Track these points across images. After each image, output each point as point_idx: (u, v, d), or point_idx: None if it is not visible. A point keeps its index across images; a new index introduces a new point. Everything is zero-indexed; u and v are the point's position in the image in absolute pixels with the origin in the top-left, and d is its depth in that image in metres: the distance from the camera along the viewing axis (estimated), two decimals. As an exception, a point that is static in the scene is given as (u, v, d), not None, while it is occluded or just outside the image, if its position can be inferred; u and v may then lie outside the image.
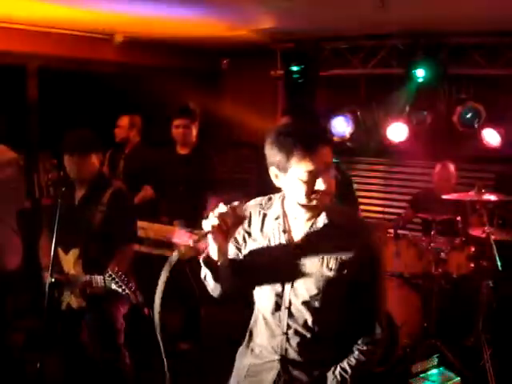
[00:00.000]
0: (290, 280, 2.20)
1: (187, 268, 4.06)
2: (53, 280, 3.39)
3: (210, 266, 2.15)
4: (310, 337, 2.21)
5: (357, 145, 6.50)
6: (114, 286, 3.37)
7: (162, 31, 5.55)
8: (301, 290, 2.19)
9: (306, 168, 2.06)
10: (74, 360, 3.82)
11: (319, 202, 2.11)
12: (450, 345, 4.74)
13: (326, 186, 2.08)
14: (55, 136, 3.83)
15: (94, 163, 3.67)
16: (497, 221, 4.73)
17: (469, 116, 5.64)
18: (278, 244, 2.24)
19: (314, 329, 2.20)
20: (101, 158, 3.78)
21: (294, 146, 2.05)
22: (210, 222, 2.03)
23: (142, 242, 4.53)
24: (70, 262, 3.59)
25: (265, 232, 2.28)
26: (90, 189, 3.67)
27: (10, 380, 4.09)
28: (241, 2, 4.42)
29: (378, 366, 4.59)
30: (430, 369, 4.40)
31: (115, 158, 5.60)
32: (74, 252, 3.59)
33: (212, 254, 2.12)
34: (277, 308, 2.24)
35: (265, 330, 2.31)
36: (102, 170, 3.73)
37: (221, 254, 2.11)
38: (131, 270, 3.60)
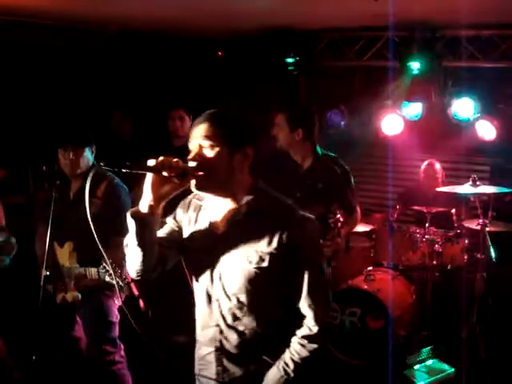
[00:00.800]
0: (217, 272, 2.19)
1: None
2: (47, 273, 3.40)
3: (136, 217, 2.10)
4: (243, 330, 2.19)
5: (351, 137, 6.50)
6: (107, 278, 3.38)
7: (156, 21, 5.52)
8: (227, 283, 2.17)
9: (189, 142, 2.18)
10: (68, 353, 3.82)
11: (191, 182, 2.10)
12: (445, 336, 4.77)
13: (194, 164, 2.10)
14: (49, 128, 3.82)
15: (88, 157, 3.66)
16: (491, 213, 4.73)
17: (463, 108, 5.64)
18: (205, 235, 2.23)
19: (245, 322, 2.18)
20: (94, 151, 3.76)
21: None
22: (154, 160, 2.04)
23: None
24: (65, 254, 3.60)
25: (198, 223, 2.28)
26: (84, 182, 3.66)
27: (5, 374, 4.09)
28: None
29: (373, 357, 4.63)
30: (424, 360, 4.42)
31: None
32: (68, 245, 3.59)
33: (142, 204, 2.09)
34: (208, 300, 2.24)
35: (200, 320, 2.31)
36: (96, 163, 3.71)
37: (150, 203, 2.07)
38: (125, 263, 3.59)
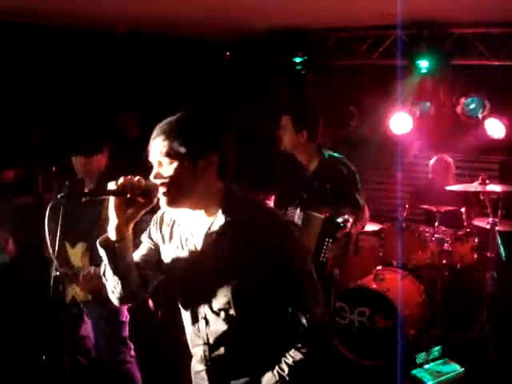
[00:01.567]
0: (200, 290, 2.09)
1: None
2: (57, 273, 3.40)
3: (107, 246, 2.03)
4: (233, 345, 2.11)
5: (360, 136, 6.49)
6: None
7: (164, 22, 5.53)
8: (212, 299, 2.07)
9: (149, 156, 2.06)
10: (77, 353, 3.84)
11: (160, 199, 2.00)
12: (454, 335, 4.75)
13: (158, 182, 1.99)
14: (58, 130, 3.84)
15: (101, 161, 3.69)
16: (501, 212, 4.71)
17: (472, 107, 5.63)
18: (182, 252, 2.13)
19: (235, 337, 2.10)
20: (107, 154, 3.77)
21: None
22: (114, 182, 1.96)
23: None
24: (78, 254, 3.62)
25: (173, 240, 2.17)
26: (98, 183, 3.68)
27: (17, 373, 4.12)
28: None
29: (383, 357, 4.62)
30: (433, 360, 4.41)
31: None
32: (81, 245, 3.61)
33: (110, 230, 2.01)
34: (194, 318, 2.15)
35: (190, 339, 2.23)
36: (110, 164, 3.74)
37: (117, 231, 2.00)
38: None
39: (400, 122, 6.08)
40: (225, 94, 6.52)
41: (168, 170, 1.98)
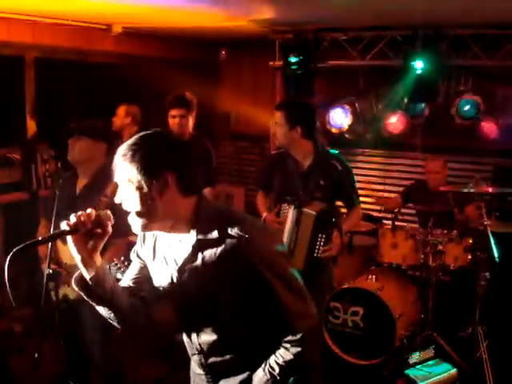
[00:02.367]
0: (187, 304, 2.12)
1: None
2: (50, 271, 3.39)
3: (82, 285, 2.06)
4: (227, 352, 2.15)
5: (355, 136, 6.50)
6: (119, 275, 3.34)
7: (160, 21, 5.53)
8: (197, 312, 2.12)
9: None
10: (72, 350, 3.82)
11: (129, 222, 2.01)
12: (447, 336, 4.77)
13: (121, 203, 2.01)
14: (53, 127, 3.82)
15: (101, 153, 3.66)
16: (494, 213, 4.73)
17: (467, 108, 5.63)
18: (168, 267, 2.13)
19: (227, 346, 2.15)
20: (106, 149, 3.72)
21: None
22: (66, 223, 1.96)
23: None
24: (69, 252, 3.56)
25: (157, 255, 2.18)
26: (93, 179, 3.65)
27: (7, 369, 4.10)
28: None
29: (376, 357, 4.63)
30: (426, 360, 4.41)
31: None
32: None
33: (81, 268, 2.03)
34: (186, 330, 2.21)
35: (187, 347, 2.28)
36: (107, 162, 3.70)
37: (85, 265, 2.01)
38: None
39: (394, 123, 6.09)
40: (220, 91, 6.52)
41: (128, 195, 1.98)
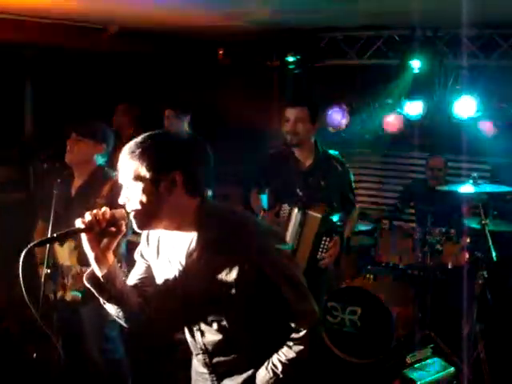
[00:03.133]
0: (191, 304, 2.12)
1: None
2: (48, 271, 3.38)
3: (93, 281, 2.07)
4: (231, 351, 2.17)
5: (352, 136, 6.50)
6: None
7: (157, 21, 5.52)
8: (201, 312, 2.13)
9: None
10: (71, 351, 3.81)
11: (133, 221, 2.00)
12: (445, 335, 4.77)
13: (125, 203, 1.99)
14: (51, 126, 3.81)
15: (99, 154, 3.65)
16: (492, 212, 4.73)
17: (464, 107, 5.64)
18: (172, 267, 2.13)
19: (231, 345, 2.15)
20: (103, 150, 3.71)
21: None
22: (81, 221, 1.96)
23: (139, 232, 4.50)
24: (65, 253, 3.57)
25: (161, 255, 2.19)
26: (88, 180, 3.65)
27: (7, 369, 4.10)
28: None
29: (373, 356, 4.63)
30: (424, 359, 4.41)
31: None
32: (69, 244, 3.56)
33: (93, 266, 2.03)
34: (190, 330, 2.21)
35: (191, 347, 2.29)
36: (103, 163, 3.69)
37: (98, 263, 2.01)
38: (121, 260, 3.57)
39: (392, 123, 6.09)
40: (218, 91, 6.51)
41: (134, 193, 1.97)
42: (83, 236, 1.98)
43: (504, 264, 4.77)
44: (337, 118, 6.33)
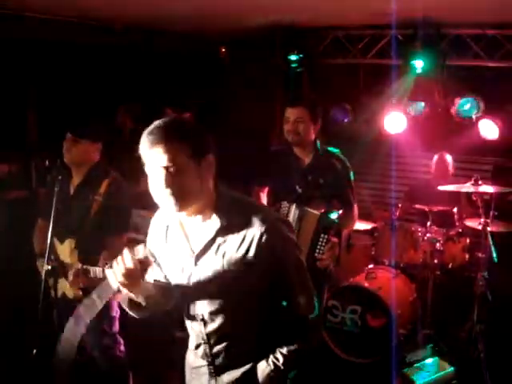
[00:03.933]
0: (197, 289, 2.15)
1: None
2: (49, 267, 3.39)
3: (130, 306, 2.17)
4: (232, 341, 2.19)
5: (355, 134, 6.50)
6: None
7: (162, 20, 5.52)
8: (208, 298, 2.14)
9: (146, 166, 2.03)
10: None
11: (169, 205, 2.02)
12: (445, 335, 4.78)
13: (168, 190, 1.98)
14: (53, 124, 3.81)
15: (94, 153, 3.66)
16: (493, 212, 4.73)
17: (467, 107, 5.64)
18: (180, 254, 2.17)
19: (232, 333, 2.18)
20: (100, 148, 3.73)
21: (142, 141, 2.02)
22: (115, 280, 2.02)
23: (139, 229, 4.51)
24: (66, 251, 3.59)
25: (169, 244, 2.22)
26: (86, 178, 3.66)
27: (7, 366, 4.11)
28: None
29: (374, 355, 4.64)
30: (424, 359, 4.42)
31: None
32: (69, 241, 3.57)
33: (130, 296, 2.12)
34: (192, 319, 2.22)
35: (191, 337, 2.31)
36: (100, 160, 3.70)
37: (136, 294, 2.09)
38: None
39: (394, 122, 6.09)
40: (220, 89, 6.52)
41: (175, 176, 1.98)
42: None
43: (504, 264, 4.77)
44: (340, 116, 6.34)
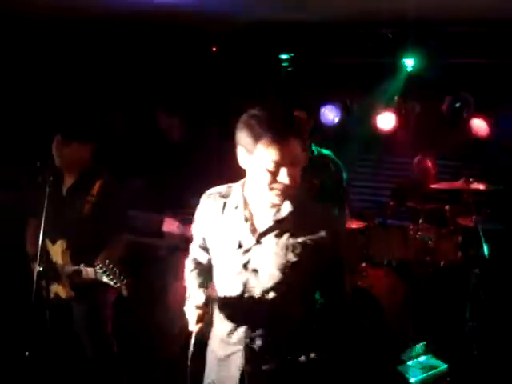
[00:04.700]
0: (254, 268, 2.17)
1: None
2: (41, 269, 3.37)
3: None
4: (276, 324, 2.19)
5: (346, 134, 6.50)
6: (105, 279, 3.31)
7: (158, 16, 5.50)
8: (264, 277, 2.15)
9: (271, 157, 2.01)
10: (64, 349, 3.81)
11: (280, 194, 2.07)
12: (438, 332, 4.78)
13: (289, 180, 2.04)
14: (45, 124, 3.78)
15: (85, 154, 3.64)
16: (484, 210, 4.75)
17: (458, 105, 5.66)
18: (240, 233, 2.19)
19: (279, 315, 2.19)
20: (91, 148, 3.70)
21: (263, 131, 2.01)
22: (194, 325, 2.16)
23: (132, 230, 4.50)
24: (58, 252, 3.56)
25: (225, 221, 2.23)
26: (78, 179, 3.64)
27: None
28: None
29: (367, 353, 4.64)
30: (417, 356, 4.43)
31: None
32: (61, 242, 3.55)
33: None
34: (241, 297, 2.21)
35: (224, 323, 2.29)
36: (92, 161, 3.68)
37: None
38: (119, 260, 3.57)
39: (385, 120, 6.10)
40: (212, 88, 6.50)
41: (294, 173, 2.07)
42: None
43: (496, 262, 4.79)
44: (330, 115, 6.34)
